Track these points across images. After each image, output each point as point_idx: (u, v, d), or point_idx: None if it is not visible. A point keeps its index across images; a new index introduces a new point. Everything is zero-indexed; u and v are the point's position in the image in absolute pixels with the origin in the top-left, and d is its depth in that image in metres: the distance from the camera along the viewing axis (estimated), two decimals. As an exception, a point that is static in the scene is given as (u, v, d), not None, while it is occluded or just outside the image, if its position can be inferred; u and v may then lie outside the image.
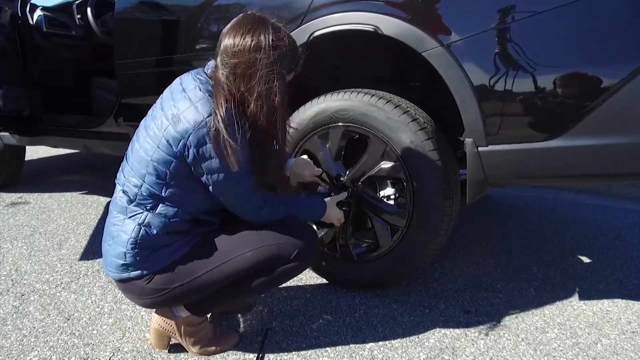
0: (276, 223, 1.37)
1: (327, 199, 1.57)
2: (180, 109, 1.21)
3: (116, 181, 1.36)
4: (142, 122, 1.33)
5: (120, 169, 1.36)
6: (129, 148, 1.34)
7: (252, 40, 1.20)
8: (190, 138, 1.18)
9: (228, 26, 1.25)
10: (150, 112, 1.33)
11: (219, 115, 1.17)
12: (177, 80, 1.32)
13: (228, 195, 1.30)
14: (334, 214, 1.57)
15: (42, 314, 1.67)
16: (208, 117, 1.18)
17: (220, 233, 1.36)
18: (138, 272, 1.30)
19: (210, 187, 1.26)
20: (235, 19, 1.26)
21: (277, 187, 1.51)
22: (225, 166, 1.20)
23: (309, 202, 1.55)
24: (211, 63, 1.30)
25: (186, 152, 1.20)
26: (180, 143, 1.19)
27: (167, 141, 1.21)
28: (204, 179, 1.24)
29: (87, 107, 3.20)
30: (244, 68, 1.20)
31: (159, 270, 1.30)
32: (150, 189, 1.26)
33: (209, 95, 1.22)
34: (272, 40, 1.20)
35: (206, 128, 1.17)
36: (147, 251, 1.28)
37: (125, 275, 1.31)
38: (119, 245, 1.29)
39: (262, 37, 1.20)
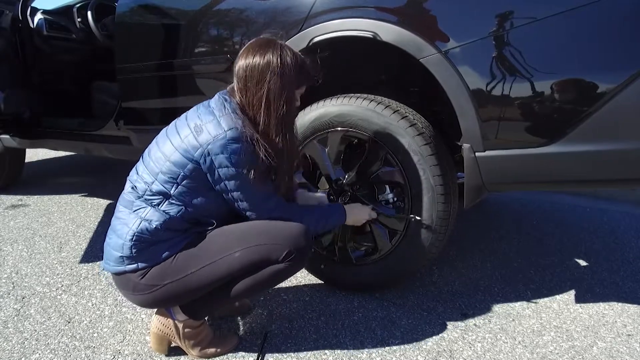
0: (269, 223, 1.38)
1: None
2: (204, 121, 1.32)
3: (128, 177, 1.42)
4: (163, 130, 1.42)
5: (135, 167, 1.43)
6: (146, 151, 1.42)
7: (260, 60, 1.31)
8: (209, 146, 1.28)
9: (242, 50, 1.36)
10: (172, 123, 1.41)
11: (238, 130, 1.27)
12: (204, 101, 1.42)
13: (242, 201, 1.35)
14: (362, 213, 1.61)
15: (43, 317, 1.69)
16: (228, 130, 1.28)
17: (215, 232, 1.39)
18: (133, 266, 1.33)
19: (226, 194, 1.34)
20: (248, 42, 1.37)
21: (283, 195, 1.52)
22: (240, 174, 1.29)
23: (327, 207, 1.58)
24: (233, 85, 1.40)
25: (203, 160, 1.29)
26: (199, 150, 1.29)
27: (187, 146, 1.31)
28: (221, 185, 1.32)
29: (88, 110, 3.21)
30: (255, 86, 1.31)
31: (152, 265, 1.33)
32: (160, 186, 1.33)
33: (232, 112, 1.32)
34: (280, 58, 1.30)
35: (225, 140, 1.26)
36: (144, 244, 1.32)
37: (121, 268, 1.34)
38: (119, 238, 1.34)
39: (270, 57, 1.31)
